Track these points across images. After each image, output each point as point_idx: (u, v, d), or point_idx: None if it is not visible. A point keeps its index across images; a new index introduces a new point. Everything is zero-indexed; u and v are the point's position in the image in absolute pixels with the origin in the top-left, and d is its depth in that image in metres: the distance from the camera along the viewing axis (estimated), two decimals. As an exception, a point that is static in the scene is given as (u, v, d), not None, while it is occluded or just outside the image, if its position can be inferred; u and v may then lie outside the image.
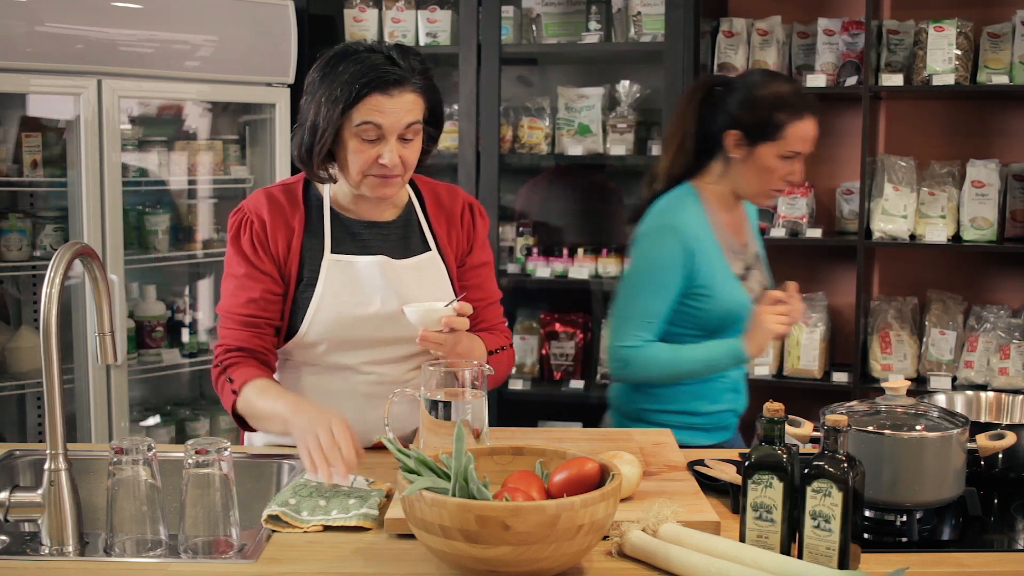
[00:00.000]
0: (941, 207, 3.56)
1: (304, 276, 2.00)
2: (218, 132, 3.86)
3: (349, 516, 1.68)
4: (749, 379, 3.64)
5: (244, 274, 1.98)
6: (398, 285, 2.00)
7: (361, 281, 1.99)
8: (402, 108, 1.90)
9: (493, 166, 3.77)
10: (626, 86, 3.85)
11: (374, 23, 3.99)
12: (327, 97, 1.89)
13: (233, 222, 2.02)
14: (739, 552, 1.48)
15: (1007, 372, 3.43)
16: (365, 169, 1.93)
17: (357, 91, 1.87)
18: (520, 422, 3.85)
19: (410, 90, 1.91)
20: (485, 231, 2.16)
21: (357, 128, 1.89)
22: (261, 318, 1.98)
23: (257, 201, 2.02)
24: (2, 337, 3.44)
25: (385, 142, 1.90)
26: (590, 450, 1.60)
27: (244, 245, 1.99)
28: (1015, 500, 1.85)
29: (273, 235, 1.99)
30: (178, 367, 3.73)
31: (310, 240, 2.01)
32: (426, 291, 2.02)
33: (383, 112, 1.88)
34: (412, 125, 1.92)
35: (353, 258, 2.01)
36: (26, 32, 3.06)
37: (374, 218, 2.06)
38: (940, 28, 3.48)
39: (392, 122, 1.89)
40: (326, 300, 1.98)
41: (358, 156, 1.91)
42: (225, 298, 2.02)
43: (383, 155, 1.90)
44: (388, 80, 1.88)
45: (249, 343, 1.98)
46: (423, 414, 1.82)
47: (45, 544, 1.65)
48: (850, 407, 1.79)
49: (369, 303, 1.99)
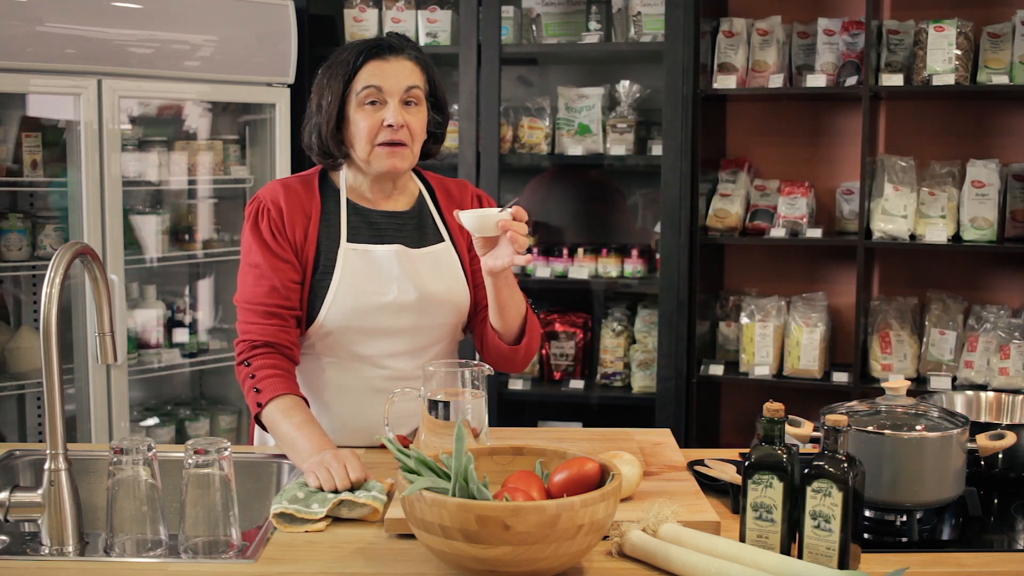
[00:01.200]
0: (941, 207, 3.56)
1: (321, 264, 2.01)
2: (218, 132, 3.86)
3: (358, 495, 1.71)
4: (749, 379, 3.67)
5: (264, 263, 1.99)
6: (414, 274, 2.02)
7: (378, 270, 2.01)
8: (400, 71, 1.98)
9: (493, 166, 3.77)
10: (626, 86, 3.85)
11: (374, 23, 3.99)
12: (329, 77, 2.01)
13: (251, 210, 2.04)
14: (739, 552, 1.48)
15: (1007, 372, 3.43)
16: (372, 136, 1.97)
17: (355, 61, 1.98)
18: (520, 422, 3.88)
19: (406, 57, 2.00)
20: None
21: (360, 95, 1.97)
22: (284, 308, 1.99)
23: (274, 190, 2.05)
24: (2, 337, 3.44)
25: (388, 105, 1.97)
26: (590, 450, 1.60)
27: (264, 232, 2.00)
28: (1015, 500, 1.85)
29: (291, 221, 2.01)
30: (178, 367, 3.73)
31: (327, 229, 2.03)
32: (441, 280, 2.05)
33: (382, 75, 1.97)
34: (412, 89, 1.99)
35: (370, 247, 2.03)
36: (26, 32, 3.06)
37: (390, 208, 2.08)
38: (940, 28, 3.48)
39: (392, 84, 1.97)
40: (343, 288, 2.00)
41: (364, 124, 1.97)
42: (245, 288, 2.01)
43: (387, 116, 1.95)
44: (383, 47, 1.99)
45: (274, 336, 1.97)
46: (423, 414, 1.83)
47: (45, 544, 1.65)
48: (850, 407, 1.79)
49: (386, 291, 2.01)
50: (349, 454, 1.80)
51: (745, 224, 3.77)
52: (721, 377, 3.75)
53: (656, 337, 3.71)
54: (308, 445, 1.84)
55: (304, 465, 1.81)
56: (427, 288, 2.03)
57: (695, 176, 3.62)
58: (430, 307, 2.04)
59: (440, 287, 2.04)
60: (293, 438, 1.87)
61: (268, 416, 1.92)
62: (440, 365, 1.85)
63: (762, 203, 3.79)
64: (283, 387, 1.94)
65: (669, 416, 3.64)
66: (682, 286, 3.63)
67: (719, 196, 3.79)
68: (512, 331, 2.05)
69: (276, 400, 1.92)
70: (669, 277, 3.64)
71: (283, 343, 1.98)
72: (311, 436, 1.86)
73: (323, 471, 1.75)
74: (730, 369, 3.77)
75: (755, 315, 3.71)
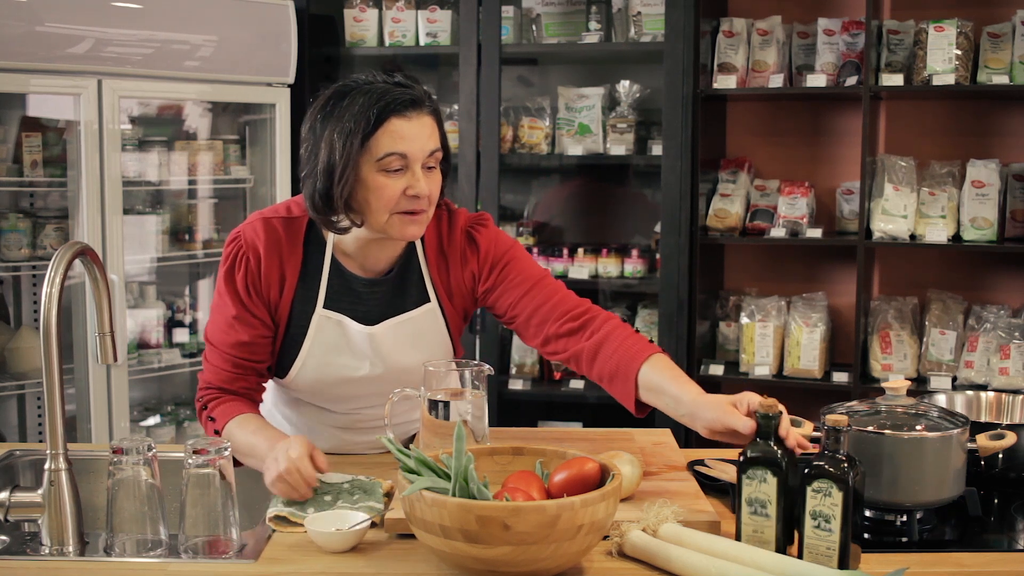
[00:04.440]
0: (941, 207, 3.56)
1: (293, 324, 1.91)
2: (218, 132, 3.86)
3: (357, 506, 1.69)
4: (749, 379, 3.67)
5: (235, 316, 1.88)
6: (388, 351, 1.93)
7: (351, 344, 1.91)
8: (423, 133, 1.79)
9: (493, 166, 3.77)
10: (626, 86, 3.85)
11: (374, 23, 3.99)
12: (339, 131, 1.76)
13: (229, 252, 1.90)
14: (739, 552, 1.48)
15: (1007, 372, 3.43)
16: (392, 206, 1.79)
17: (375, 116, 1.75)
18: (520, 422, 3.87)
19: (426, 112, 1.80)
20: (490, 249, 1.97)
21: (380, 161, 1.76)
22: (249, 361, 1.90)
23: (255, 233, 1.89)
24: (2, 337, 3.44)
25: (411, 172, 1.78)
26: (590, 450, 1.60)
27: (238, 284, 1.88)
28: (1015, 500, 1.85)
29: (267, 278, 1.88)
30: (178, 367, 3.73)
31: (304, 290, 1.90)
32: (419, 351, 1.93)
33: (406, 138, 1.76)
34: (434, 153, 1.81)
35: (345, 320, 1.90)
36: (26, 32, 3.06)
37: (375, 269, 1.93)
38: (940, 28, 3.48)
39: (417, 148, 1.77)
40: (314, 357, 1.91)
41: (383, 192, 1.77)
42: (214, 330, 1.92)
43: (413, 186, 1.78)
44: (404, 101, 1.77)
45: (233, 384, 1.91)
46: (423, 414, 1.82)
47: (45, 544, 1.65)
48: (850, 407, 1.79)
49: (358, 367, 1.92)
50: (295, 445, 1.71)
51: (745, 224, 3.77)
52: (721, 377, 3.75)
53: (656, 337, 3.71)
54: (265, 444, 1.78)
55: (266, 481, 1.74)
56: (401, 363, 1.93)
57: (695, 176, 3.62)
58: (406, 378, 1.92)
59: (417, 358, 1.90)
60: (251, 444, 1.81)
61: (226, 434, 1.86)
62: (440, 365, 1.84)
63: (762, 203, 3.79)
64: (236, 410, 1.88)
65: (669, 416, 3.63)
66: (682, 286, 3.63)
67: (719, 196, 3.79)
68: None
69: (232, 420, 1.87)
70: (669, 277, 3.64)
71: (242, 391, 1.92)
72: (268, 438, 1.80)
73: (279, 482, 1.71)
74: (730, 369, 3.77)
75: (755, 315, 3.72)
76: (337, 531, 1.59)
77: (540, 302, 1.92)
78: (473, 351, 3.81)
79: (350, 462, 1.95)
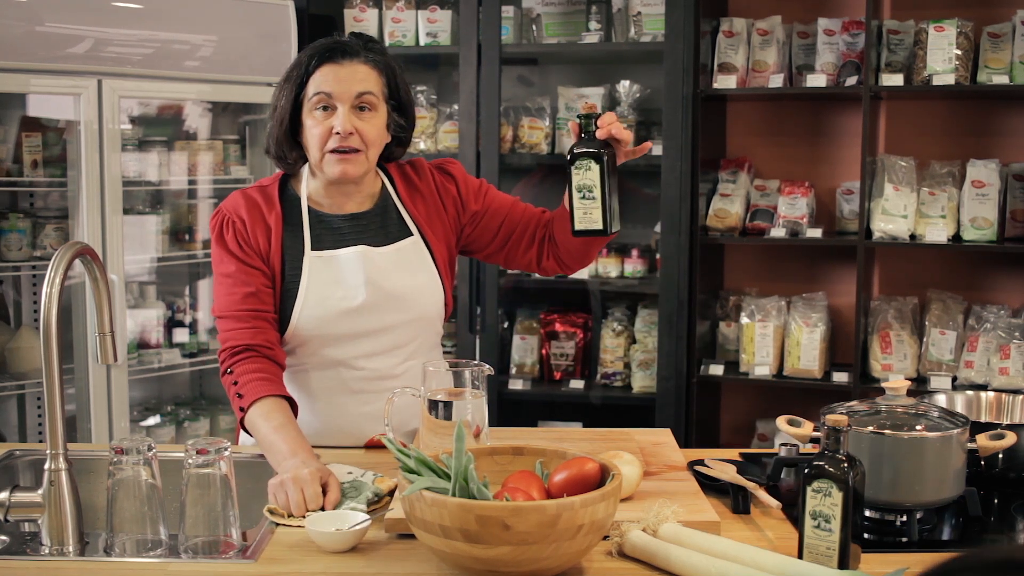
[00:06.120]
0: (941, 207, 3.56)
1: (287, 272, 2.01)
2: (218, 132, 3.86)
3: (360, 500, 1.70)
4: (750, 379, 3.67)
5: (236, 270, 1.99)
6: (381, 274, 2.01)
7: (344, 275, 2.01)
8: (351, 76, 1.96)
9: (493, 166, 3.76)
10: (626, 86, 3.85)
11: (374, 23, 3.99)
12: (284, 80, 2.01)
13: (215, 223, 2.04)
14: (739, 552, 1.48)
15: (1007, 372, 3.43)
16: (323, 143, 1.96)
17: (307, 65, 1.97)
18: (520, 422, 3.87)
19: (360, 61, 1.98)
20: (467, 179, 2.16)
21: (311, 102, 1.96)
22: (260, 311, 1.98)
23: (235, 202, 2.04)
24: (2, 337, 3.44)
25: (338, 111, 1.95)
26: (590, 450, 1.60)
27: (230, 243, 2.01)
28: (1015, 500, 1.85)
29: (253, 232, 2.01)
30: (178, 367, 3.73)
31: (290, 238, 2.02)
32: (411, 276, 2.04)
33: (331, 80, 1.95)
34: (365, 95, 1.97)
35: (334, 252, 2.02)
36: (26, 32, 3.06)
37: (352, 210, 2.06)
38: (940, 28, 3.48)
39: (342, 90, 1.95)
40: (311, 296, 1.99)
41: (314, 130, 1.96)
42: (220, 299, 2.01)
43: (336, 123, 1.94)
44: (335, 50, 1.97)
45: (253, 339, 1.96)
46: (423, 414, 1.83)
47: (45, 544, 1.65)
48: (850, 407, 1.79)
49: (355, 296, 2.00)
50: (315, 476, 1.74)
51: (745, 224, 3.77)
52: (721, 377, 3.75)
53: (656, 337, 3.71)
54: (285, 448, 1.82)
55: (270, 481, 1.77)
56: (396, 287, 2.01)
57: (695, 176, 3.62)
58: (401, 305, 2.02)
59: (409, 284, 2.03)
60: (271, 441, 1.85)
61: (249, 420, 1.91)
62: (440, 365, 1.85)
63: (762, 203, 3.79)
64: (264, 389, 1.91)
65: (669, 416, 3.64)
66: (682, 286, 3.63)
67: (719, 196, 3.79)
68: None
69: (257, 403, 1.90)
70: (669, 277, 3.64)
71: (263, 344, 1.96)
72: (287, 439, 1.83)
73: (282, 494, 1.72)
74: (730, 369, 3.77)
75: (755, 315, 3.71)
76: (337, 531, 1.59)
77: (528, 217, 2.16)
78: (473, 351, 3.81)
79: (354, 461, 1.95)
